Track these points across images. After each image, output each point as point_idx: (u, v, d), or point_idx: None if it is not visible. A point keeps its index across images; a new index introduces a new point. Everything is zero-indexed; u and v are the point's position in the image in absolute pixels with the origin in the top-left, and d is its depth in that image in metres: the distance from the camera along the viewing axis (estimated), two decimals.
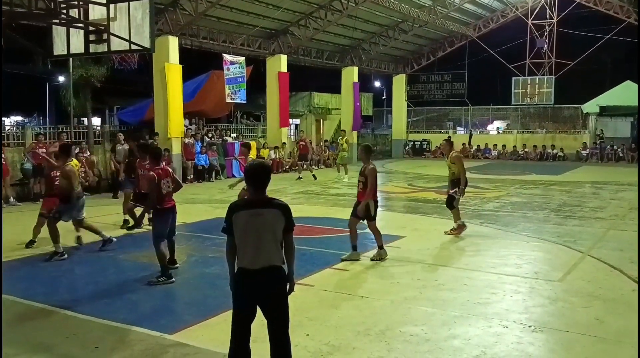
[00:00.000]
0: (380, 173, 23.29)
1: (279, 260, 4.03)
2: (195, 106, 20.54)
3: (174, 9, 17.76)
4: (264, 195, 4.06)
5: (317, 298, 6.48)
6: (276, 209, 4.02)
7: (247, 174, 4.14)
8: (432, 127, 34.42)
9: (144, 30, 8.84)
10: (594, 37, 28.90)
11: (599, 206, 13.47)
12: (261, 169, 4.11)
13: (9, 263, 7.94)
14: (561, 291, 6.77)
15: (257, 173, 4.07)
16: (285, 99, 23.36)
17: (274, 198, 4.11)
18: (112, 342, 5.22)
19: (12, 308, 6.04)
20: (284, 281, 4.09)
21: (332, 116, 30.75)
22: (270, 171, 4.22)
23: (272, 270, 3.98)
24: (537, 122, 32.60)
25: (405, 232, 10.27)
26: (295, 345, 4.88)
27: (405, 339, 5.23)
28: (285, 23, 22.50)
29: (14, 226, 10.51)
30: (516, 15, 29.58)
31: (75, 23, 9.10)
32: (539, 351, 5.04)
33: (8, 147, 15.38)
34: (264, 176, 4.07)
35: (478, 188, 17.13)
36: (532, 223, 11.17)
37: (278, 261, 4.02)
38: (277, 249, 4.01)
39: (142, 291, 6.79)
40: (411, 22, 25.79)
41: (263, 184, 4.05)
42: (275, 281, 4.02)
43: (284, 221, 4.02)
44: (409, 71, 32.42)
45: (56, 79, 30.04)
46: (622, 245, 9.04)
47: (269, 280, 3.98)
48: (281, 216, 4.01)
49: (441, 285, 6.95)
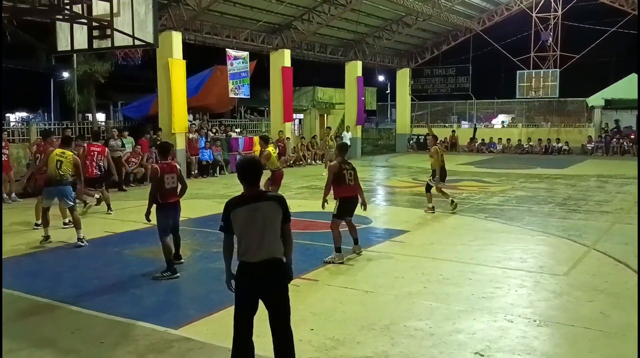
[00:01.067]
0: (384, 167, 23.37)
1: (280, 253, 4.08)
2: (199, 101, 20.54)
3: (177, 4, 17.72)
4: (257, 189, 4.16)
5: (321, 292, 6.49)
6: (272, 201, 4.09)
7: (239, 171, 4.21)
8: (437, 121, 34.32)
9: (148, 26, 8.84)
10: (598, 30, 28.75)
11: (604, 199, 13.42)
12: (252, 164, 4.22)
13: (13, 258, 7.98)
14: (566, 285, 6.75)
15: (249, 168, 4.17)
16: (289, 93, 23.33)
17: (267, 191, 4.21)
18: (117, 337, 5.23)
19: (16, 303, 6.07)
20: (285, 274, 4.14)
21: (336, 111, 30.71)
22: (260, 165, 4.31)
23: (273, 262, 4.03)
24: (542, 116, 32.46)
25: (409, 226, 10.27)
26: (299, 339, 4.89)
27: (409, 334, 5.23)
28: (288, 17, 22.44)
29: (17, 221, 10.56)
30: (520, 9, 29.42)
31: (78, 19, 9.09)
32: (543, 345, 5.03)
33: (13, 143, 15.43)
34: (255, 170, 4.17)
35: (483, 182, 17.11)
36: (537, 217, 11.14)
37: (279, 254, 4.07)
38: (277, 241, 4.07)
39: (147, 286, 6.80)
40: (415, 15, 25.68)
41: (255, 179, 4.15)
42: (276, 274, 4.06)
43: (281, 212, 4.09)
44: (413, 65, 32.31)
45: (60, 75, 30.07)
46: (627, 239, 9.00)
47: (270, 273, 4.02)
48: (278, 207, 4.08)
49: (445, 280, 6.94)
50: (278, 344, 4.09)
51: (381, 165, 24.17)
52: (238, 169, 4.24)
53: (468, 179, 17.81)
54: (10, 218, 10.82)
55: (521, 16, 29.80)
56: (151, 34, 8.87)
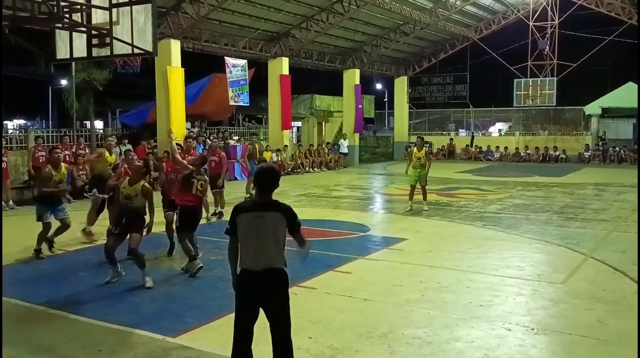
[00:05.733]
0: (382, 175, 23.41)
1: (280, 263, 4.08)
2: (198, 109, 20.57)
3: (176, 13, 17.80)
4: (269, 198, 4.15)
5: (320, 300, 6.48)
6: (278, 212, 4.08)
7: (255, 177, 4.24)
8: (434, 129, 34.39)
9: (147, 34, 8.84)
10: (595, 39, 28.87)
11: (601, 208, 13.45)
12: (268, 173, 4.22)
13: (10, 266, 7.96)
14: (563, 293, 6.76)
15: (263, 176, 4.18)
16: (287, 101, 23.38)
17: (278, 201, 4.18)
18: (115, 344, 5.23)
19: (14, 311, 6.06)
20: (285, 284, 4.13)
21: (334, 119, 30.77)
22: (278, 175, 4.29)
23: (272, 272, 4.03)
24: (539, 124, 32.54)
25: (407, 234, 10.28)
26: (297, 347, 4.89)
27: (407, 342, 5.23)
28: (286, 26, 22.53)
29: (15, 229, 10.54)
30: (517, 17, 29.57)
31: (78, 27, 9.10)
32: (541, 353, 5.04)
33: (11, 150, 15.42)
34: (269, 180, 4.17)
35: (480, 189, 17.14)
36: (535, 225, 11.16)
37: (279, 264, 4.07)
38: (278, 252, 4.06)
39: (144, 293, 6.79)
40: (412, 24, 25.80)
41: (268, 188, 4.15)
42: (276, 283, 4.06)
43: (285, 224, 4.08)
44: (410, 73, 32.42)
45: (59, 82, 30.08)
46: (624, 247, 9.02)
47: (270, 282, 4.03)
48: (282, 218, 4.07)
49: (443, 288, 6.94)
50: (277, 353, 4.10)
51: (379, 173, 24.20)
52: (256, 175, 4.25)
53: (466, 187, 17.85)
54: (8, 226, 10.79)
55: (518, 25, 29.96)
56: (150, 43, 8.87)
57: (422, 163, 12.72)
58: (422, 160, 12.72)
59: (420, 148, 12.88)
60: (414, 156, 12.89)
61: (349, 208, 13.88)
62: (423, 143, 13.28)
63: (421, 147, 12.92)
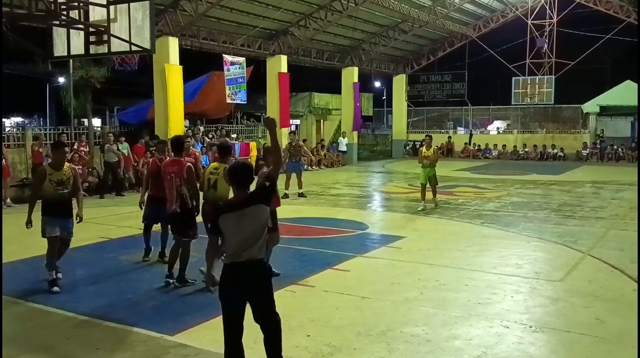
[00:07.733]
0: (381, 173, 23.40)
1: (262, 253, 4.25)
2: (196, 107, 20.52)
3: (174, 10, 17.75)
4: (245, 193, 4.29)
5: (318, 298, 6.48)
6: (257, 203, 4.21)
7: (230, 175, 4.40)
8: (433, 127, 34.38)
9: (144, 32, 8.82)
10: (594, 37, 28.87)
11: (599, 205, 13.46)
12: (242, 169, 4.35)
13: (9, 264, 7.94)
14: (562, 291, 6.77)
15: (238, 173, 4.32)
16: (285, 99, 23.35)
17: (253, 192, 4.36)
18: (113, 343, 5.22)
19: (12, 309, 6.05)
20: (268, 272, 4.36)
21: (333, 117, 30.73)
22: (252, 170, 4.41)
23: (255, 262, 4.16)
24: (538, 122, 32.54)
25: (406, 232, 10.28)
26: (296, 345, 4.90)
27: (406, 340, 5.23)
28: (285, 24, 22.49)
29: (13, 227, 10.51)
30: (516, 15, 29.55)
31: (75, 24, 9.08)
32: (539, 351, 5.05)
33: (9, 148, 15.38)
34: (246, 176, 4.30)
35: (479, 188, 17.15)
36: (533, 223, 11.17)
37: (260, 255, 4.23)
38: (262, 244, 4.22)
39: (143, 292, 6.79)
40: (411, 22, 25.76)
41: (244, 184, 4.30)
42: (259, 271, 4.19)
43: (267, 210, 4.26)
44: (409, 71, 32.40)
45: (56, 80, 30.04)
46: (622, 245, 9.03)
47: (253, 271, 4.15)
48: (262, 207, 4.22)
49: (442, 286, 6.95)
50: (267, 332, 4.20)
51: (377, 171, 24.19)
52: (230, 172, 4.39)
53: (464, 185, 17.86)
54: (6, 223, 10.76)
55: (517, 23, 29.93)
56: (148, 40, 8.85)
57: (431, 162, 12.71)
58: (430, 158, 12.70)
59: (429, 146, 12.89)
60: (423, 154, 12.87)
61: (347, 206, 13.87)
62: (432, 141, 13.27)
63: (430, 146, 12.93)
